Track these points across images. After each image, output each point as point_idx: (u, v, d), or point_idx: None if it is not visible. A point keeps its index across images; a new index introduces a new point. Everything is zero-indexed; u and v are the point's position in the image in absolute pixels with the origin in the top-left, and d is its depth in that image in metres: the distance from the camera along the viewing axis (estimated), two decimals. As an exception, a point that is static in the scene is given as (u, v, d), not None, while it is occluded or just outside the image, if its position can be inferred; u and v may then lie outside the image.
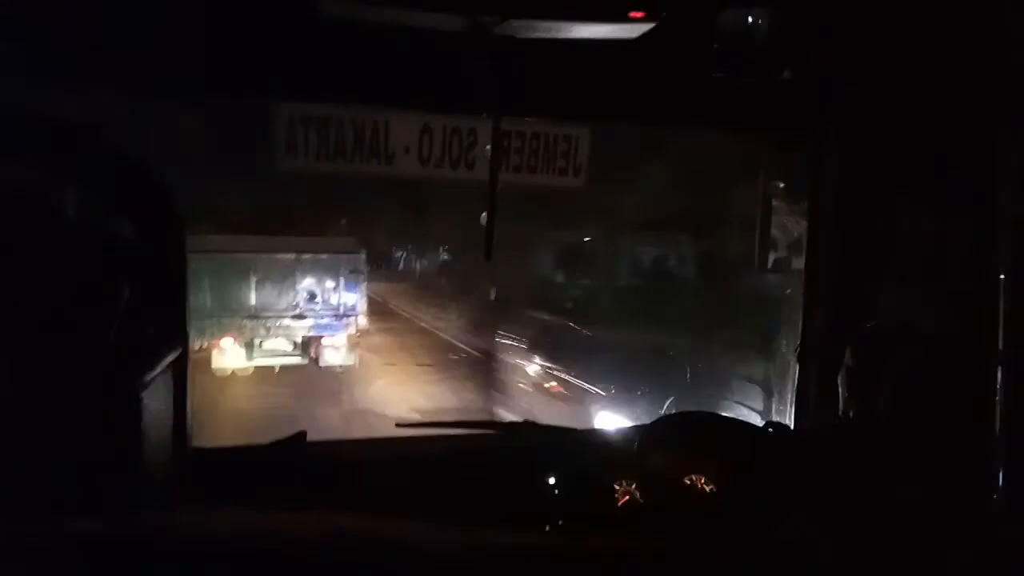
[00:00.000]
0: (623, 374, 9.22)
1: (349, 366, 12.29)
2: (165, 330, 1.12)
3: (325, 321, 12.34)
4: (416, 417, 8.45)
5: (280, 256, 12.29)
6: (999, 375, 1.29)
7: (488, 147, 1.55)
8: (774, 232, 1.66)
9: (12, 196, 0.92)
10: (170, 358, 1.11)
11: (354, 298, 12.65)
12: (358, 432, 8.63)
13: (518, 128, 1.74)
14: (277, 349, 12.19)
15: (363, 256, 13.31)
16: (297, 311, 12.25)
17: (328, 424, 9.12)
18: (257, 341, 11.91)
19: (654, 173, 11.77)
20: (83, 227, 1.03)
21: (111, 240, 1.06)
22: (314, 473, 1.47)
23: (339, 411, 10.31)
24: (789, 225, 1.66)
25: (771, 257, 1.64)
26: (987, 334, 1.31)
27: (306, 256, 12.51)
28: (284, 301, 12.24)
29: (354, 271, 12.80)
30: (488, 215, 1.59)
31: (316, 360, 12.28)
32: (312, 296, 12.44)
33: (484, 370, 12.14)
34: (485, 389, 11.27)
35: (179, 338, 1.19)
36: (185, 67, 1.30)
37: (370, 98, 1.47)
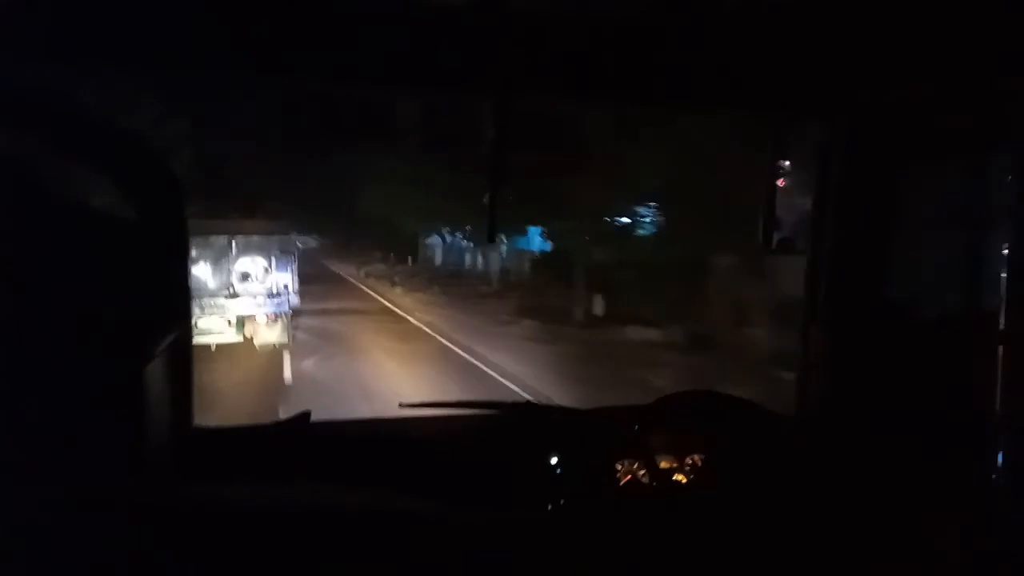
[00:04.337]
0: None
1: (284, 344, 12.46)
2: (166, 308, 1.12)
3: (259, 300, 12.66)
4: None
5: (213, 238, 12.53)
6: (999, 355, 1.30)
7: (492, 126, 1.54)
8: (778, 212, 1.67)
9: (8, 174, 0.91)
10: (171, 337, 1.10)
11: (286, 277, 13.08)
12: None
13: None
14: (212, 328, 12.32)
15: (292, 237, 13.88)
16: (230, 291, 12.54)
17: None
18: (192, 321, 11.93)
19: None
20: (80, 204, 1.02)
21: (109, 217, 1.05)
22: (317, 452, 1.47)
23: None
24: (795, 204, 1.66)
25: (775, 237, 1.64)
26: (988, 314, 1.33)
27: (238, 237, 12.80)
28: (218, 281, 12.50)
29: (285, 251, 13.29)
30: (491, 196, 1.58)
31: (251, 339, 12.48)
32: (245, 276, 12.77)
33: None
34: None
35: (180, 316, 1.18)
36: (175, 45, 1.24)
37: (370, 76, 1.44)
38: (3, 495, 0.57)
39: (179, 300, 1.16)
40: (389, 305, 17.77)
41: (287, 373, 10.47)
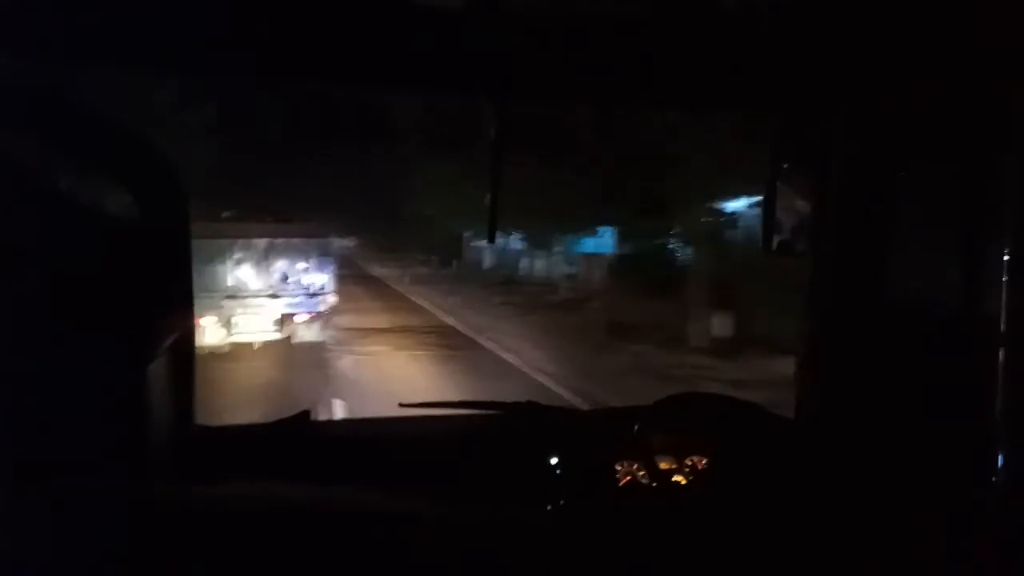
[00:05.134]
0: None
1: (320, 342, 12.85)
2: (170, 307, 1.14)
3: (298, 300, 13.15)
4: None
5: (254, 241, 13.10)
6: (1000, 359, 1.29)
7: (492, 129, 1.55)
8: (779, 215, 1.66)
9: (10, 174, 0.94)
10: (175, 336, 1.14)
11: (324, 278, 13.52)
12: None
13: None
14: (253, 327, 12.86)
15: (331, 239, 14.34)
16: (271, 291, 13.06)
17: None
18: (235, 320, 12.60)
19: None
20: (83, 204, 1.04)
21: (113, 216, 1.07)
22: (317, 452, 1.50)
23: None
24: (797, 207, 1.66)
25: (775, 240, 1.64)
26: (989, 318, 1.32)
27: (279, 241, 13.29)
28: (259, 282, 13.04)
29: (323, 253, 13.75)
30: (492, 197, 1.60)
31: (289, 337, 12.88)
32: (285, 277, 13.29)
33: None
34: None
35: (184, 316, 1.21)
36: (176, 46, 1.26)
37: (367, 78, 1.44)
38: (6, 493, 0.58)
39: (182, 299, 1.19)
40: (449, 321, 15.09)
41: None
